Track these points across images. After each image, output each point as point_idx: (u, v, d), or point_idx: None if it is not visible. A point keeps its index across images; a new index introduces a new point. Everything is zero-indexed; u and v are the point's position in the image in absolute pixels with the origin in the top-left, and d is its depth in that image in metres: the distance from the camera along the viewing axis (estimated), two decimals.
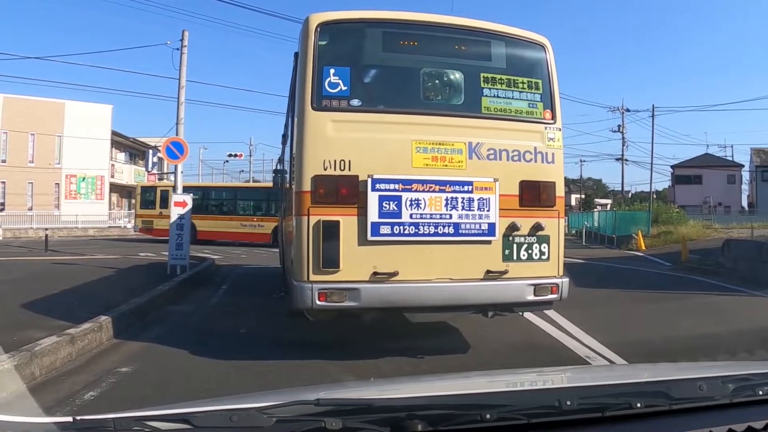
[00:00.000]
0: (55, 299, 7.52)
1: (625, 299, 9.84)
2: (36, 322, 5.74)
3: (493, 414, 1.50)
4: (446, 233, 4.89)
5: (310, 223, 4.77)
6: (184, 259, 11.21)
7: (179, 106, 15.21)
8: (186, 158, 12.65)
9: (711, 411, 1.64)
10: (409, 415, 1.48)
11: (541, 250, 5.14)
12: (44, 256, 16.22)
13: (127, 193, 45.62)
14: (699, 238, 23.21)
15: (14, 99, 33.76)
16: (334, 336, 5.64)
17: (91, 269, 11.62)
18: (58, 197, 37.02)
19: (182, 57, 15.60)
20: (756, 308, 9.01)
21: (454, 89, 5.35)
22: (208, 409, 1.52)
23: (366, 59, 5.44)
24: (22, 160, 34.92)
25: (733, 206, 49.09)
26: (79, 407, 3.74)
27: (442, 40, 5.38)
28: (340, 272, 4.76)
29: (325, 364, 4.86)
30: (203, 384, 4.35)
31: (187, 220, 11.38)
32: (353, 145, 4.85)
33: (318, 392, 1.63)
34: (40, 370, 4.43)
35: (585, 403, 1.58)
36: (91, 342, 5.39)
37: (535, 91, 5.31)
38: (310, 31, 4.96)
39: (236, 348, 5.45)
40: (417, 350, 5.16)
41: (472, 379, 2.57)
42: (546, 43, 5.47)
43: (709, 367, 2.37)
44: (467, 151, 5.00)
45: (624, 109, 44.03)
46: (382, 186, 4.80)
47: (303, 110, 4.90)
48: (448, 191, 4.90)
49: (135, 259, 15.16)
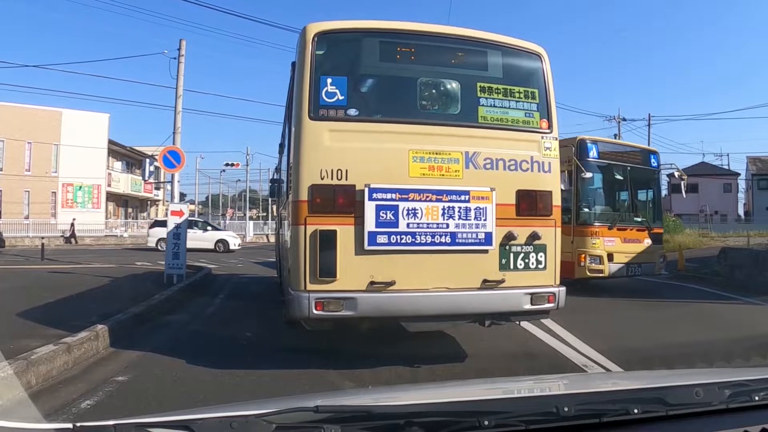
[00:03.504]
0: (52, 308, 7.50)
1: (622, 307, 9.87)
2: (32, 330, 5.73)
3: (491, 420, 1.51)
4: (443, 242, 4.90)
5: (307, 232, 4.78)
6: (181, 268, 11.19)
7: (176, 115, 15.27)
8: (183, 167, 12.71)
9: (707, 416, 1.65)
10: (408, 422, 1.49)
11: (537, 259, 5.15)
12: (40, 265, 16.17)
13: (123, 201, 45.57)
14: (695, 246, 23.24)
15: (11, 107, 33.76)
16: (331, 344, 5.63)
17: (87, 278, 11.59)
18: (55, 206, 36.93)
19: (179, 66, 15.68)
20: (752, 316, 9.03)
21: (450, 99, 5.38)
22: (207, 416, 1.52)
23: (363, 69, 5.47)
24: (18, 169, 34.89)
25: (729, 214, 49.30)
26: (75, 416, 3.73)
27: (438, 50, 5.41)
28: (336, 281, 4.76)
29: (323, 373, 4.84)
30: (200, 393, 4.34)
31: (183, 229, 11.36)
32: (350, 154, 4.86)
33: (317, 399, 1.64)
34: (36, 379, 4.41)
35: (582, 410, 1.58)
36: (88, 351, 5.37)
37: (532, 101, 5.35)
38: (307, 40, 4.99)
39: (233, 357, 5.43)
40: (414, 359, 5.15)
41: (470, 386, 2.58)
42: (542, 53, 5.51)
43: (706, 374, 2.39)
44: (464, 160, 5.02)
45: (620, 118, 44.17)
46: (379, 195, 4.81)
47: (300, 120, 4.92)
48: (445, 200, 4.91)
49: (131, 268, 15.14)
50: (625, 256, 11.29)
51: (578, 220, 11.22)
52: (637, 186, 12.43)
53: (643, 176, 12.44)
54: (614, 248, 11.19)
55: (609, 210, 12.04)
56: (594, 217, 11.47)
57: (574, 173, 11.11)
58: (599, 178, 11.98)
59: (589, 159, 11.30)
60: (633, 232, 11.71)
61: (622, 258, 11.24)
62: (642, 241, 11.75)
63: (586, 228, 11.15)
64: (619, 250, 11.24)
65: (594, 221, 11.34)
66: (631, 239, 11.57)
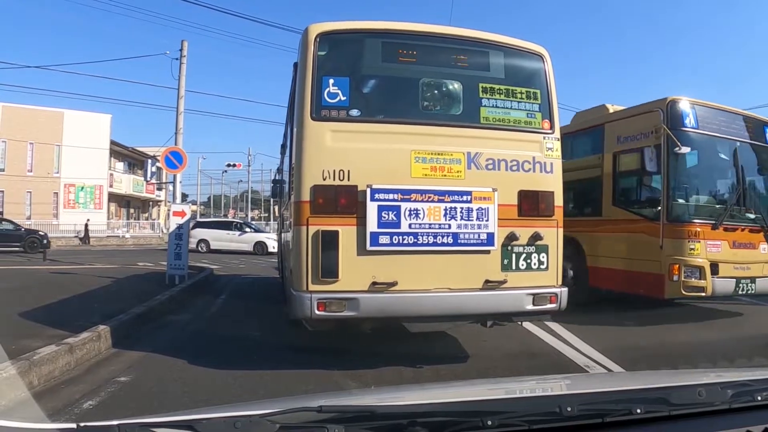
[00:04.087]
0: (54, 308, 7.51)
1: (624, 307, 9.82)
2: (34, 331, 5.74)
3: (494, 420, 1.51)
4: (445, 243, 4.91)
5: (309, 232, 4.78)
6: (183, 268, 11.20)
7: (178, 116, 15.30)
8: (185, 168, 12.69)
9: (710, 416, 1.66)
10: (411, 422, 1.49)
11: (540, 259, 5.15)
12: (42, 265, 16.19)
13: (125, 202, 45.64)
14: None
15: (13, 108, 33.87)
16: (334, 345, 5.63)
17: (89, 278, 11.60)
18: (57, 206, 37.02)
19: (181, 67, 15.71)
20: (755, 316, 9.01)
21: (452, 99, 5.38)
22: (211, 416, 1.52)
23: (365, 69, 5.48)
24: (20, 169, 34.97)
25: None
26: (77, 416, 3.73)
27: (441, 51, 5.42)
28: (339, 282, 4.76)
29: (326, 373, 4.85)
30: (202, 393, 4.34)
31: (185, 230, 11.38)
32: (352, 155, 4.87)
33: (320, 399, 1.64)
34: (39, 379, 4.42)
35: (585, 410, 1.59)
36: (90, 351, 5.38)
37: (534, 101, 5.35)
38: (309, 41, 5.00)
39: (235, 357, 5.44)
40: (417, 359, 5.15)
41: (473, 386, 2.58)
42: (544, 54, 5.52)
43: (708, 373, 2.39)
44: (466, 161, 5.02)
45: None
46: (381, 196, 4.82)
47: (302, 120, 4.93)
48: (447, 201, 4.92)
49: (133, 269, 15.14)
50: (734, 268, 7.83)
51: (669, 216, 7.80)
52: (753, 169, 8.66)
53: (760, 156, 8.76)
54: (720, 256, 7.73)
55: (712, 202, 8.42)
56: (693, 212, 7.96)
57: (664, 149, 7.79)
58: (699, 157, 8.26)
59: (687, 129, 7.85)
60: (745, 233, 8.13)
61: (729, 270, 7.78)
62: (757, 247, 8.21)
63: (681, 227, 7.71)
64: (727, 259, 7.78)
65: (692, 217, 7.84)
66: (742, 243, 8.03)
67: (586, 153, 9.63)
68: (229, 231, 27.58)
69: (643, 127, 8.17)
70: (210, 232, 27.55)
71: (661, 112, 7.88)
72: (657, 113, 7.91)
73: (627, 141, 8.53)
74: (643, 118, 8.22)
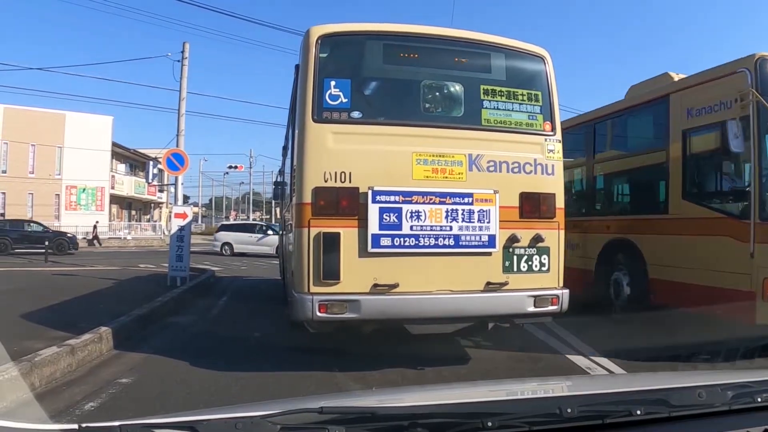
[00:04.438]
0: (55, 310, 7.53)
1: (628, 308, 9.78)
2: (36, 332, 5.75)
3: (494, 422, 1.51)
4: (446, 245, 4.91)
5: (311, 234, 4.79)
6: (185, 270, 11.21)
7: (180, 118, 15.32)
8: (186, 170, 12.71)
9: (710, 418, 1.66)
10: (412, 423, 1.49)
11: (541, 261, 5.16)
12: (44, 267, 16.22)
13: (127, 204, 45.67)
14: None
15: (15, 110, 33.90)
16: (335, 346, 5.63)
17: (91, 280, 11.62)
18: (58, 208, 37.06)
19: (183, 69, 15.73)
20: None
21: (454, 101, 5.39)
22: (212, 417, 1.53)
23: (366, 71, 5.49)
24: (22, 171, 35.01)
25: None
26: (79, 417, 3.74)
27: (442, 53, 5.43)
28: (340, 284, 4.77)
29: (328, 375, 4.86)
30: (204, 395, 4.35)
31: (187, 231, 11.39)
32: (354, 157, 4.88)
33: (321, 400, 1.65)
34: (40, 381, 4.43)
35: (585, 411, 1.59)
36: (92, 353, 5.39)
37: (535, 103, 5.36)
38: (311, 43, 5.01)
39: (237, 359, 5.44)
40: (419, 360, 5.15)
41: (474, 388, 2.59)
42: (546, 55, 5.52)
43: (709, 375, 2.39)
44: (467, 162, 5.03)
45: None
46: (383, 198, 4.82)
47: (304, 122, 4.94)
48: (449, 203, 4.92)
49: (135, 271, 15.17)
50: None
51: (763, 212, 5.67)
52: None
53: None
54: None
55: None
56: None
57: (754, 121, 5.76)
58: None
59: None
60: None
61: None
62: None
63: None
64: None
65: None
66: None
67: (645, 132, 7.89)
68: (252, 234, 27.31)
69: (723, 95, 6.13)
70: (234, 235, 27.44)
71: (748, 74, 5.89)
72: (743, 75, 5.93)
73: (701, 114, 6.48)
74: (722, 84, 6.20)
